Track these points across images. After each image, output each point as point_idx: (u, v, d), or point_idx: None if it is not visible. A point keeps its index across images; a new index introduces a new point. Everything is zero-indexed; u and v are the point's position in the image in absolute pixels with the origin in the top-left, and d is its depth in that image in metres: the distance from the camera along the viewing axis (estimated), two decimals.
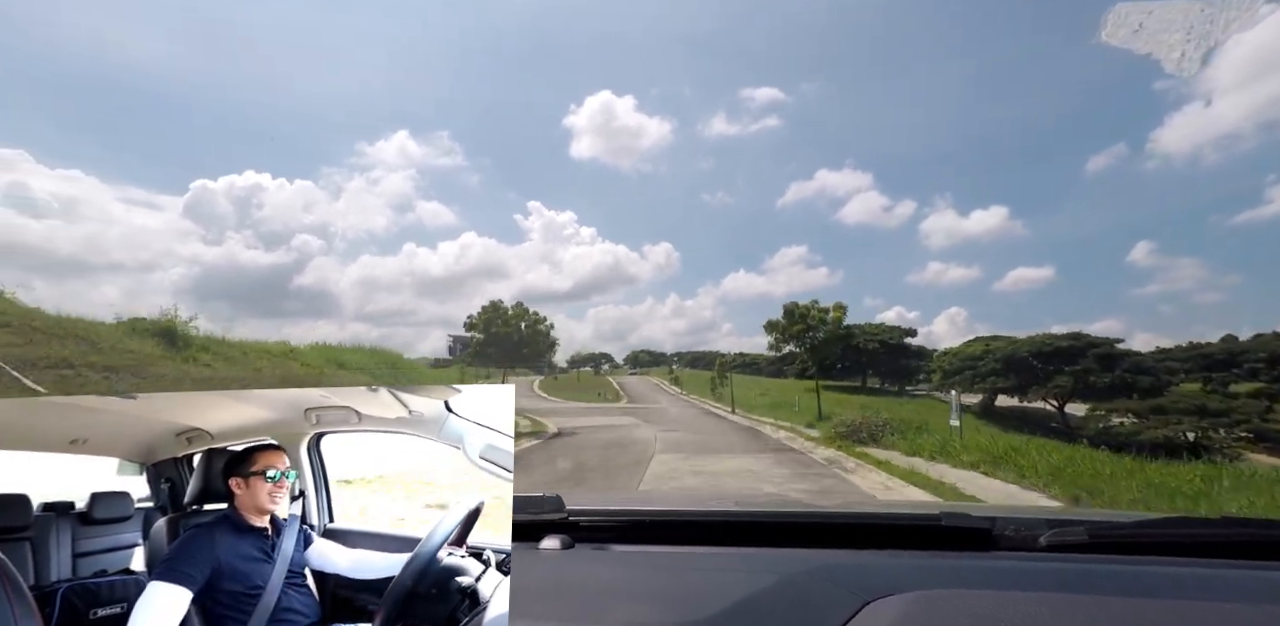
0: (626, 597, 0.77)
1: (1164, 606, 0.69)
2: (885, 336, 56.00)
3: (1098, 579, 0.83)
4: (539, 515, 1.07)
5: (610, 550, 1.03)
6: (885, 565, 0.91)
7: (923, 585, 0.75)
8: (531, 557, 0.94)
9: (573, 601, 0.76)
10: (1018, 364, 40.43)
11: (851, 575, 0.81)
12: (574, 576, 0.87)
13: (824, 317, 26.28)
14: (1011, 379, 40.99)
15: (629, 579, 0.85)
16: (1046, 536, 1.01)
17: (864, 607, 0.69)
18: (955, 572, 0.87)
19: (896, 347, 56.64)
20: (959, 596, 0.71)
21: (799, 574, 0.81)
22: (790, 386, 48.24)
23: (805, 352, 35.46)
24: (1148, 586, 0.80)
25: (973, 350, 45.95)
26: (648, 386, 63.28)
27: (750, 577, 0.80)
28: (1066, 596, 0.72)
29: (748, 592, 0.74)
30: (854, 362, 57.38)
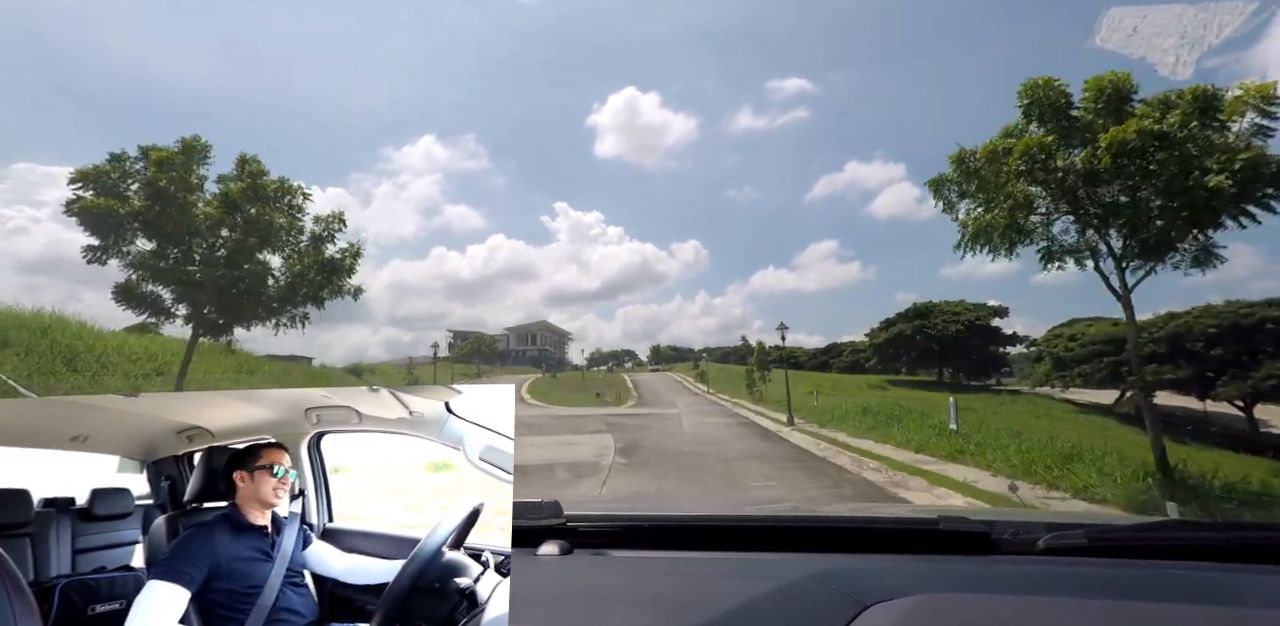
0: (625, 603, 0.77)
1: (1162, 609, 0.69)
2: (970, 316, 43.80)
3: (1096, 582, 0.83)
4: (538, 521, 1.08)
5: (609, 556, 1.03)
6: (884, 569, 0.91)
7: (921, 589, 0.75)
8: (530, 563, 0.95)
9: (571, 607, 0.76)
10: (1187, 346, 25.98)
11: (850, 579, 0.81)
12: (573, 582, 0.87)
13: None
14: (1184, 368, 26.25)
15: (627, 584, 0.85)
16: (1045, 540, 1.01)
17: (863, 612, 0.69)
18: (954, 576, 0.87)
19: (984, 331, 43.91)
20: (958, 600, 0.71)
21: (798, 578, 0.82)
22: (846, 383, 40.82)
23: (881, 339, 31.49)
24: (1146, 589, 0.80)
25: (1084, 332, 33.80)
26: (668, 384, 53.30)
27: (749, 583, 0.80)
28: (1065, 600, 0.72)
29: (747, 598, 0.74)
30: (925, 351, 45.26)
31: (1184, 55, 1.27)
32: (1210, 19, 1.25)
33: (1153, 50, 1.30)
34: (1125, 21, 1.32)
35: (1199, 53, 1.26)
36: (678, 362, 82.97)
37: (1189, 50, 1.25)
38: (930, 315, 44.90)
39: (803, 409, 22.32)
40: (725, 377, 48.00)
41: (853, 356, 60.14)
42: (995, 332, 45.06)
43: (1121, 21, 1.34)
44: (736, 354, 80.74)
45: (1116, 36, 1.37)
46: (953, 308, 45.05)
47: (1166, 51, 1.28)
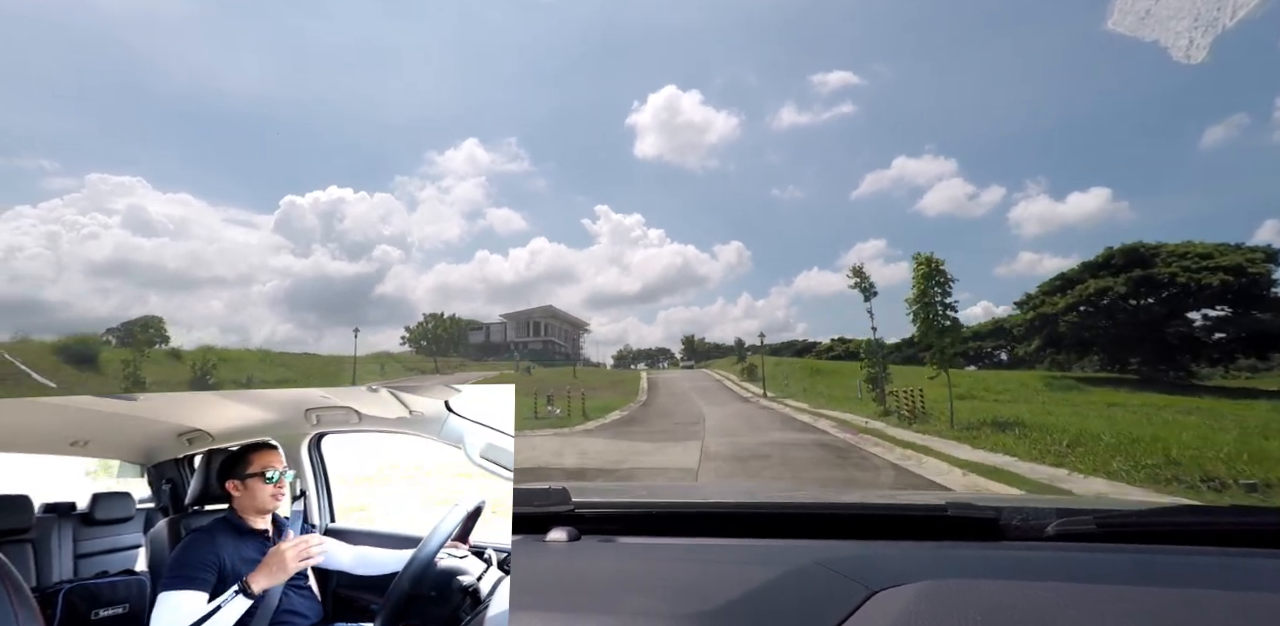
0: (633, 589, 0.77)
1: (1173, 595, 0.68)
2: (1238, 257, 24.32)
3: (1106, 568, 0.83)
4: (545, 507, 1.08)
5: (616, 542, 1.03)
6: (892, 555, 0.91)
7: (929, 575, 0.74)
8: (538, 549, 0.95)
9: (579, 593, 0.76)
10: None
11: (858, 566, 0.81)
12: (580, 568, 0.88)
13: None
14: None
15: (635, 570, 0.85)
16: (1054, 526, 1.01)
17: (870, 598, 0.69)
18: (962, 562, 0.87)
19: (1257, 286, 24.07)
20: (966, 586, 0.71)
21: (805, 565, 0.81)
22: (996, 382, 26.38)
23: (1059, 305, 16.92)
24: (1156, 575, 0.80)
25: None
26: (701, 384, 35.48)
27: (757, 569, 0.80)
28: (1074, 586, 0.72)
29: (754, 584, 0.74)
30: (1144, 324, 25.16)
31: (1198, 38, 1.26)
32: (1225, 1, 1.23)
33: (1166, 33, 1.30)
34: (1138, 4, 1.32)
35: (1213, 36, 1.26)
36: (718, 359, 65.04)
37: (1204, 33, 1.25)
38: (1154, 262, 25.35)
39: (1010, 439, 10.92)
40: (786, 374, 33.48)
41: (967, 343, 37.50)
42: (1267, 290, 24.36)
43: (1134, 4, 1.33)
44: (791, 348, 69.69)
45: (1129, 20, 1.37)
46: (1203, 249, 25.37)
47: (1180, 34, 1.27)
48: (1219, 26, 0.97)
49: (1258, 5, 0.92)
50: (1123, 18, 1.11)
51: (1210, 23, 1.00)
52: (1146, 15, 1.08)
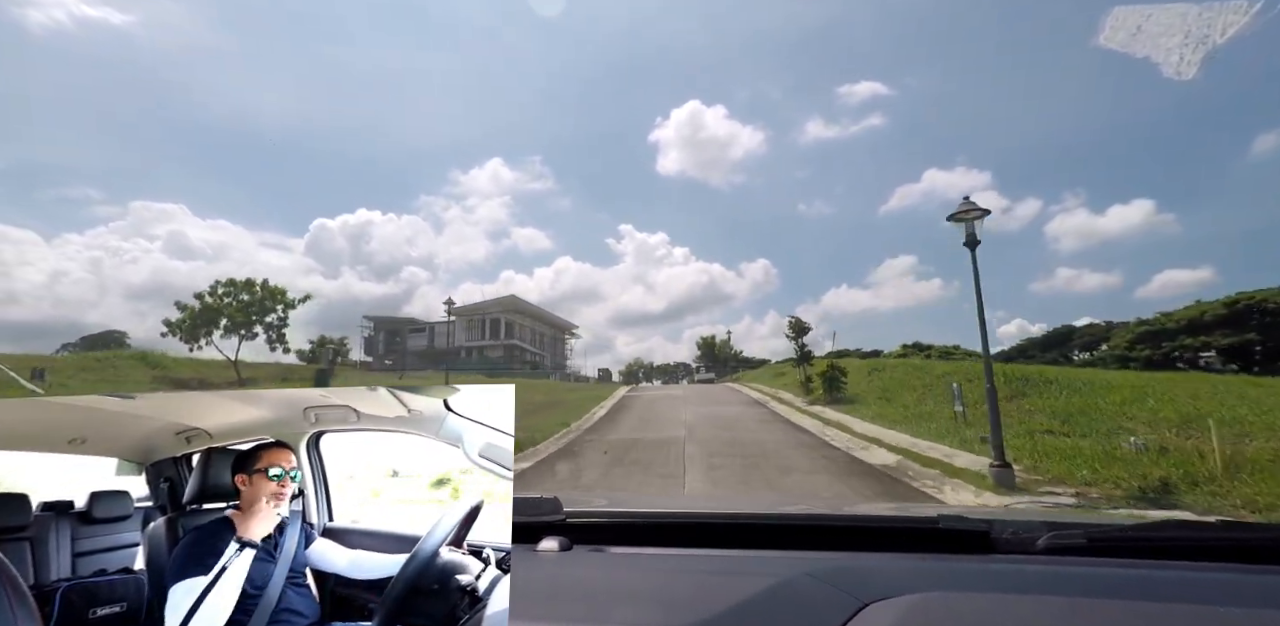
0: (624, 599, 0.77)
1: (1163, 609, 0.68)
2: None
3: (1096, 582, 0.83)
4: (537, 517, 1.08)
5: (608, 552, 1.03)
6: (883, 568, 0.91)
7: (920, 588, 0.75)
8: (530, 559, 0.95)
9: (571, 603, 0.76)
10: None
11: (849, 578, 0.81)
12: (572, 578, 0.88)
13: None
14: None
15: (627, 581, 0.86)
16: (1045, 539, 1.00)
17: (861, 610, 0.69)
18: (953, 575, 0.87)
19: None
20: (957, 599, 0.71)
21: (796, 576, 0.81)
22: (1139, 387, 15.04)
23: None
24: (1146, 589, 0.80)
25: None
26: (722, 401, 23.70)
27: (748, 580, 0.80)
28: (1065, 599, 0.72)
29: (745, 595, 0.74)
30: None
31: (1189, 55, 1.26)
32: (1215, 18, 1.23)
33: (1157, 50, 1.31)
34: (1129, 21, 1.32)
35: (1204, 52, 1.26)
36: (747, 370, 49.53)
37: (1194, 49, 1.25)
38: None
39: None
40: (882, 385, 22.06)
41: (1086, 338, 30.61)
42: None
43: (1125, 21, 1.34)
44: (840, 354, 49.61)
45: (1120, 36, 1.38)
46: None
47: (1170, 51, 1.27)
48: (1209, 43, 0.98)
49: (1248, 23, 0.92)
50: (1114, 34, 1.12)
51: (1201, 39, 1.00)
52: (1138, 31, 1.09)
